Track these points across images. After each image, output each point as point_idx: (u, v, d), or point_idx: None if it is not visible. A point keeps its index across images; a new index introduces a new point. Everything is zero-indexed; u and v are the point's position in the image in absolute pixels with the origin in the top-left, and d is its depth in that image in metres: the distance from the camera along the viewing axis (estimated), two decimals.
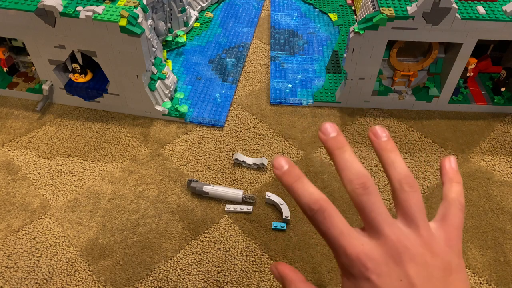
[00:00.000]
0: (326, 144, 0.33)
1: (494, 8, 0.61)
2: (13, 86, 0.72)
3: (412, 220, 0.31)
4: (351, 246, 0.30)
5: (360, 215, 0.31)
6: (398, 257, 0.30)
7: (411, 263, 0.30)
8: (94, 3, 0.59)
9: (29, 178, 0.60)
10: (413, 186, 0.32)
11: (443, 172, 0.35)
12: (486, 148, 0.66)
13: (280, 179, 0.32)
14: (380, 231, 0.30)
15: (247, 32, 0.87)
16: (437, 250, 0.31)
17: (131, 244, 0.53)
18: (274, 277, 0.37)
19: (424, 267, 0.30)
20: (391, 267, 0.29)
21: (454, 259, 0.31)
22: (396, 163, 0.32)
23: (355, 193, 0.31)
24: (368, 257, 0.30)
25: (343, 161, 0.32)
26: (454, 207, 0.34)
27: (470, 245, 0.54)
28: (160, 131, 0.67)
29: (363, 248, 0.30)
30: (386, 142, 0.33)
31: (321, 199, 0.31)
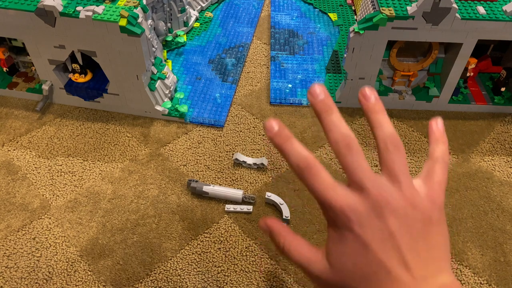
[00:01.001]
0: (314, 106, 0.34)
1: (494, 8, 0.61)
2: (13, 86, 0.72)
3: (394, 177, 0.33)
4: (335, 199, 0.32)
5: (345, 173, 0.33)
6: (379, 209, 0.31)
7: (391, 216, 0.31)
8: (94, 3, 0.59)
9: (29, 178, 0.60)
10: (398, 146, 0.34)
11: (430, 133, 0.37)
12: (486, 148, 0.66)
13: (271, 140, 0.34)
14: (363, 186, 0.32)
15: (247, 32, 0.87)
16: (418, 204, 0.32)
17: (131, 244, 0.53)
18: (263, 231, 0.38)
19: (404, 220, 0.32)
20: (372, 219, 0.31)
21: (435, 213, 0.33)
22: (383, 124, 0.34)
23: (341, 153, 0.33)
24: (351, 209, 0.31)
25: (330, 123, 0.33)
26: (438, 164, 0.35)
27: (470, 245, 0.54)
28: (160, 131, 0.67)
29: (347, 201, 0.32)
30: (374, 103, 0.34)
31: (308, 157, 0.33)
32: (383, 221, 0.32)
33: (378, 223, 0.32)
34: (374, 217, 0.32)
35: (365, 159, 0.33)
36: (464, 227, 0.56)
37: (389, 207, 0.32)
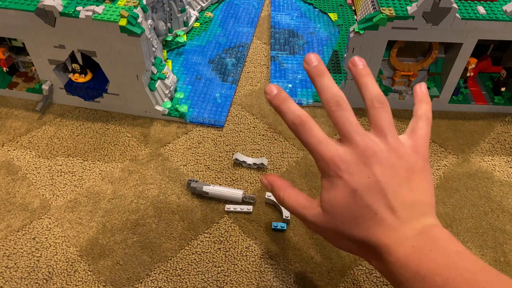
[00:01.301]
0: (309, 72, 0.38)
1: (494, 8, 0.61)
2: (13, 86, 0.72)
3: (381, 131, 0.36)
4: (326, 151, 0.35)
5: (336, 129, 0.37)
6: (366, 159, 0.35)
7: (377, 164, 0.35)
8: (94, 3, 0.59)
9: (29, 178, 0.60)
10: (383, 103, 0.37)
11: (415, 95, 0.41)
12: (486, 148, 0.66)
13: (270, 102, 0.38)
14: (352, 139, 0.35)
15: (247, 32, 0.87)
16: (403, 154, 0.36)
17: (131, 244, 0.53)
18: (264, 187, 0.40)
19: (389, 167, 0.35)
20: (360, 167, 0.35)
21: (419, 162, 0.36)
22: (369, 85, 0.38)
23: (331, 110, 0.37)
24: (340, 159, 0.35)
25: (323, 85, 0.37)
26: (422, 121, 0.39)
27: (470, 245, 0.54)
28: (160, 131, 0.67)
29: (337, 153, 0.35)
30: (362, 69, 0.38)
31: (303, 115, 0.37)
32: (370, 168, 0.34)
33: (365, 171, 0.34)
34: (362, 165, 0.35)
35: (353, 115, 0.36)
36: (464, 227, 0.56)
37: (375, 156, 0.35)
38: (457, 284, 0.30)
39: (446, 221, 0.56)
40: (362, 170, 0.35)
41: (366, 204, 0.34)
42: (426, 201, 0.36)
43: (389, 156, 0.35)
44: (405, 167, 0.35)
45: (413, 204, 0.35)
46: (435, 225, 0.35)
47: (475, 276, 0.30)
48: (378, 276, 0.51)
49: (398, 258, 0.33)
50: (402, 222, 0.34)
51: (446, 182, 0.61)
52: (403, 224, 0.34)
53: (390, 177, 0.35)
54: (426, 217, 0.35)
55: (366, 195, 0.34)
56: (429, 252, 0.32)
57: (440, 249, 0.32)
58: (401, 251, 0.33)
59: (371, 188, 0.34)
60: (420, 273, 0.31)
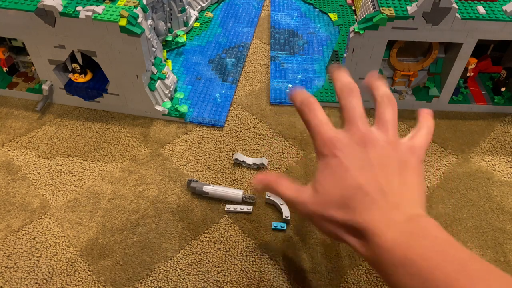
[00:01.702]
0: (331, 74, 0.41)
1: (494, 8, 0.61)
2: (13, 86, 0.72)
3: (384, 126, 0.38)
4: (326, 131, 0.37)
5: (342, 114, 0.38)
6: (363, 144, 0.36)
7: (373, 149, 0.36)
8: (94, 3, 0.59)
9: (29, 178, 0.60)
10: (392, 101, 0.39)
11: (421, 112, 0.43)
12: (486, 148, 0.66)
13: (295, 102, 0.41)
14: (354, 124, 0.37)
15: (247, 32, 0.87)
16: (399, 149, 0.37)
17: (131, 244, 0.53)
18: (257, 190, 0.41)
19: (384, 156, 0.36)
20: (356, 150, 0.36)
21: (412, 160, 0.37)
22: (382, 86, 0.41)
23: (343, 95, 0.39)
24: (338, 140, 0.37)
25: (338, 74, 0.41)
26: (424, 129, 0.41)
27: (470, 245, 0.54)
28: (160, 131, 0.67)
29: (336, 135, 0.37)
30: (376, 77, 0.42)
31: (311, 97, 0.39)
32: (365, 152, 0.36)
33: (360, 153, 0.36)
34: (357, 148, 0.36)
35: (362, 106, 0.38)
36: (464, 227, 0.56)
37: (372, 143, 0.36)
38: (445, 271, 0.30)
39: (446, 221, 0.56)
40: (357, 152, 0.36)
41: (358, 185, 0.35)
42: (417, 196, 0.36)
43: (386, 146, 0.37)
44: (398, 160, 0.36)
45: (402, 194, 0.35)
46: (424, 215, 0.35)
47: (463, 264, 0.30)
48: (378, 276, 0.51)
49: (386, 240, 0.33)
50: (392, 206, 0.34)
51: (446, 182, 0.61)
52: (393, 209, 0.34)
53: (383, 164, 0.36)
54: (415, 208, 0.35)
55: (359, 175, 0.35)
56: (418, 238, 0.32)
57: (429, 236, 0.32)
58: (390, 234, 0.33)
59: (364, 170, 0.35)
60: (408, 257, 0.31)
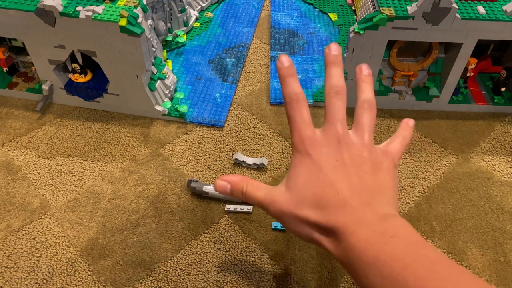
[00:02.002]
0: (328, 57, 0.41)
1: (494, 8, 0.61)
2: (13, 86, 0.72)
3: (360, 129, 0.39)
4: (306, 130, 0.37)
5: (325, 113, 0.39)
6: (338, 144, 0.37)
7: (347, 150, 0.37)
8: (94, 3, 0.59)
9: (29, 178, 0.60)
10: (372, 107, 0.41)
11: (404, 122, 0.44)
12: (486, 148, 0.66)
13: (278, 70, 0.40)
14: (333, 125, 0.38)
15: (247, 32, 0.87)
16: (373, 152, 0.38)
17: (131, 244, 0.53)
18: (221, 191, 0.40)
19: (358, 157, 0.37)
20: (330, 150, 0.37)
21: (386, 162, 0.38)
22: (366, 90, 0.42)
23: (330, 95, 0.40)
24: (314, 140, 0.37)
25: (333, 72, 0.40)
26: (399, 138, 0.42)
27: (470, 245, 0.54)
28: (160, 131, 0.67)
29: (313, 134, 0.37)
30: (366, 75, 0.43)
31: (301, 94, 0.39)
32: (339, 152, 0.36)
33: (334, 153, 0.36)
34: (332, 148, 0.37)
35: (345, 110, 0.39)
36: (464, 227, 0.56)
37: (347, 144, 0.37)
38: (416, 271, 0.30)
39: (446, 221, 0.56)
40: (331, 152, 0.36)
41: (330, 182, 0.35)
42: (389, 195, 0.36)
43: (360, 148, 0.37)
44: (372, 161, 0.37)
45: (375, 195, 0.35)
46: (396, 215, 0.35)
47: (434, 264, 0.30)
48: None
49: (359, 240, 0.33)
50: (364, 205, 0.34)
51: (446, 182, 0.61)
52: (365, 207, 0.34)
53: (357, 164, 0.36)
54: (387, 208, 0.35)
55: (331, 174, 0.35)
56: (390, 238, 0.32)
57: (400, 236, 0.33)
58: (362, 233, 0.33)
59: (337, 169, 0.36)
60: (380, 258, 0.31)
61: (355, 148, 0.37)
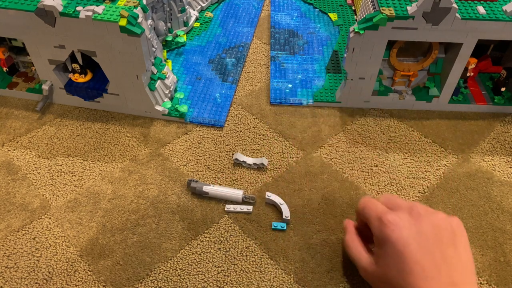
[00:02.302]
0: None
1: (494, 8, 0.61)
2: (13, 86, 0.72)
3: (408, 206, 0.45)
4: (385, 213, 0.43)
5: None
6: (417, 216, 0.42)
7: (426, 221, 0.41)
8: (94, 3, 0.59)
9: (29, 178, 0.60)
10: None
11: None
12: (486, 148, 0.66)
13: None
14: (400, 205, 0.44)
15: (247, 32, 0.87)
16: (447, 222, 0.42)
17: (131, 244, 0.53)
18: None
19: (436, 227, 0.41)
20: (411, 223, 0.41)
21: (461, 231, 0.42)
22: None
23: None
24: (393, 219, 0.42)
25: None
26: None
27: (470, 245, 0.54)
28: (160, 131, 0.67)
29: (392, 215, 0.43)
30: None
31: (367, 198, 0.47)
32: (419, 225, 0.40)
33: (415, 227, 0.40)
34: (412, 222, 0.41)
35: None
36: (464, 227, 0.55)
37: (425, 215, 0.41)
38: None
39: None
40: (412, 227, 0.40)
41: (416, 260, 0.39)
42: (472, 272, 0.40)
43: (437, 217, 0.42)
44: (450, 230, 0.41)
45: (457, 269, 0.39)
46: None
47: None
48: None
49: None
50: (451, 282, 0.38)
51: (446, 182, 0.61)
52: (452, 284, 0.37)
53: (438, 236, 0.40)
54: (470, 285, 0.39)
55: (416, 251, 0.39)
56: None
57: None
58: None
59: (421, 245, 0.39)
60: None
61: (433, 217, 0.42)
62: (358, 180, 0.61)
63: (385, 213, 0.43)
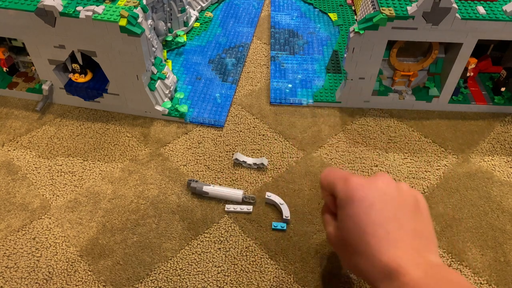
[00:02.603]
0: None
1: (494, 8, 0.61)
2: (13, 86, 0.72)
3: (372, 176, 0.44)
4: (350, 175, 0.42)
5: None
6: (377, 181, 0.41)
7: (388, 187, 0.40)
8: (94, 3, 0.59)
9: (29, 178, 0.60)
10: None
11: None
12: (486, 148, 0.66)
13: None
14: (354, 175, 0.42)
15: (247, 32, 0.87)
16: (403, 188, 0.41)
17: (131, 244, 0.53)
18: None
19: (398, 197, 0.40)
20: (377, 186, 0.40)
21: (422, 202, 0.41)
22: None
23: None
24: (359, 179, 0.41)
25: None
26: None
27: (470, 245, 0.54)
28: (160, 131, 0.67)
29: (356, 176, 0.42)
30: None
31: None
32: (385, 188, 0.39)
33: (381, 190, 0.39)
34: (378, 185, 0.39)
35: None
36: (464, 227, 0.56)
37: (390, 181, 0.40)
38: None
39: (446, 221, 0.56)
40: (378, 188, 0.39)
41: (379, 222, 0.37)
42: (434, 242, 0.39)
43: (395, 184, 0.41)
44: (410, 201, 0.40)
45: (421, 237, 0.38)
46: (444, 265, 0.37)
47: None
48: None
49: (412, 279, 0.34)
50: (413, 249, 0.36)
51: (446, 182, 0.61)
52: (414, 251, 0.36)
53: (400, 204, 0.39)
54: (435, 256, 0.37)
55: (380, 213, 0.38)
56: (441, 280, 0.34)
57: (450, 281, 0.34)
58: (416, 273, 0.34)
59: (386, 207, 0.38)
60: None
61: (396, 183, 0.41)
62: None
63: (351, 175, 0.41)
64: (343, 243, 0.39)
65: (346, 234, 0.39)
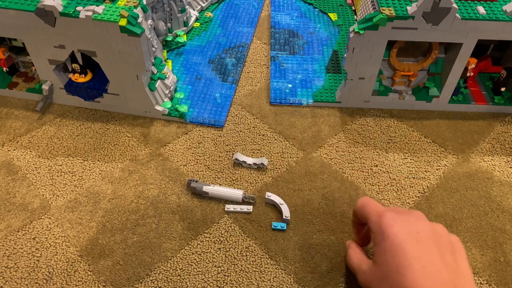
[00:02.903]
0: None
1: (494, 8, 0.61)
2: (13, 86, 0.72)
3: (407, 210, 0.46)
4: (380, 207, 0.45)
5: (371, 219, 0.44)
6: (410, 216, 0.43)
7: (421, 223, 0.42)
8: (94, 3, 0.59)
9: (29, 178, 0.60)
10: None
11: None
12: (486, 148, 0.66)
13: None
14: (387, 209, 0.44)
15: (247, 32, 0.87)
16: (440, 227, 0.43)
17: (131, 244, 0.53)
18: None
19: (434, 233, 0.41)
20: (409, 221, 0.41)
21: (458, 244, 0.43)
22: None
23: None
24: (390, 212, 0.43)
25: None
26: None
27: (470, 245, 0.54)
28: (160, 131, 0.67)
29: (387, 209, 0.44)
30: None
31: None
32: (419, 226, 0.40)
33: (414, 227, 0.40)
34: (412, 222, 0.41)
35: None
36: (464, 227, 0.56)
37: (425, 219, 0.42)
38: None
39: (446, 221, 0.56)
40: (412, 225, 0.40)
41: (415, 256, 0.38)
42: (472, 282, 0.40)
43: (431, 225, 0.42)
44: (448, 239, 0.41)
45: (458, 273, 0.38)
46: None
47: None
48: None
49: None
50: (451, 283, 0.37)
51: (446, 182, 0.61)
52: (453, 285, 0.37)
53: (436, 240, 0.40)
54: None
55: (414, 249, 0.39)
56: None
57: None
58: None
59: (420, 244, 0.39)
60: None
61: (427, 225, 0.42)
62: (358, 180, 0.61)
63: (386, 210, 0.43)
64: (381, 278, 0.40)
65: (384, 267, 0.40)
